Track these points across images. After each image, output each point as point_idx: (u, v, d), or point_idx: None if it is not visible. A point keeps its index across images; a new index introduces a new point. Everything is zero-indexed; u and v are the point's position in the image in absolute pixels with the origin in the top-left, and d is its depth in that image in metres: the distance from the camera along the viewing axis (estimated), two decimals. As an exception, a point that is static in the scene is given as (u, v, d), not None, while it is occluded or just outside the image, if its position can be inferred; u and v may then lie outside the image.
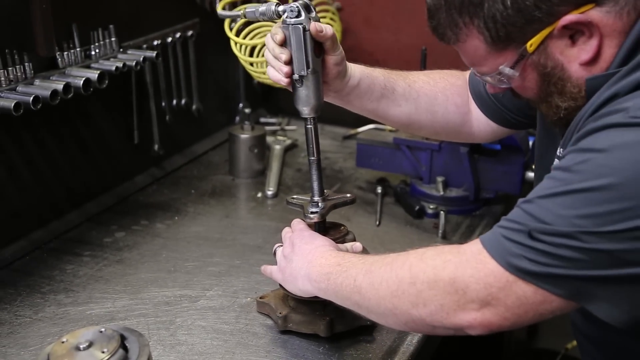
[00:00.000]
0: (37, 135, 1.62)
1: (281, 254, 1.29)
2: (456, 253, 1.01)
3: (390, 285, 1.05)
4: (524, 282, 0.94)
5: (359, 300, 1.10)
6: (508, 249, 0.95)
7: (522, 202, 0.99)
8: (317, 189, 1.32)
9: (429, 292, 1.00)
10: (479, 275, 0.97)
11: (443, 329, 1.02)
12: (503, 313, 0.96)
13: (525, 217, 0.95)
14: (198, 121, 2.16)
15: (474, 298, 0.97)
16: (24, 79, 1.51)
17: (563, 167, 0.96)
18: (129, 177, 1.94)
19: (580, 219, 0.91)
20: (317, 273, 1.17)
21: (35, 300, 1.44)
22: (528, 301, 0.95)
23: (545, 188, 0.96)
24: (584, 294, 0.93)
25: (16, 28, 1.49)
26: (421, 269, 1.02)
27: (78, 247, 1.65)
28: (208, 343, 1.32)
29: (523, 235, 0.94)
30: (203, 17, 2.09)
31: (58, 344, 1.05)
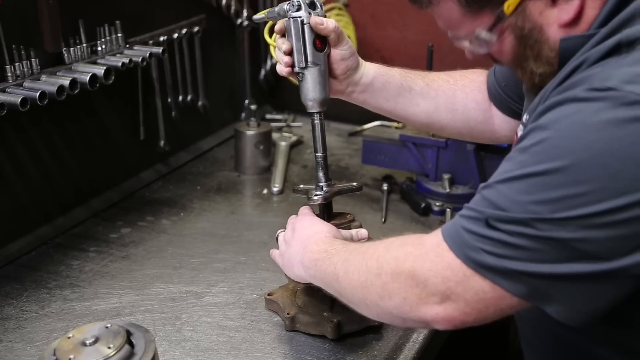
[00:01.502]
0: (44, 130, 1.63)
1: (282, 238, 1.29)
2: (417, 245, 0.99)
3: (360, 275, 1.04)
4: (480, 277, 0.91)
5: (337, 288, 1.10)
6: (465, 240, 0.92)
7: (482, 187, 0.95)
8: (322, 177, 1.33)
9: (392, 284, 0.99)
10: (437, 268, 0.94)
11: (412, 322, 1.01)
12: (463, 308, 0.93)
13: (483, 203, 0.92)
14: (204, 117, 2.16)
15: (434, 292, 0.94)
16: (30, 74, 1.51)
17: (521, 148, 0.92)
18: (135, 173, 1.94)
19: (535, 205, 0.87)
20: (308, 259, 1.17)
21: (41, 296, 1.45)
22: (487, 296, 0.92)
23: (503, 171, 0.93)
24: (539, 293, 0.90)
25: (23, 24, 1.49)
26: (386, 260, 1.01)
27: (84, 243, 1.65)
28: (213, 339, 1.32)
29: (480, 224, 0.91)
30: (209, 13, 2.09)
31: (64, 339, 1.05)
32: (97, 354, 1.01)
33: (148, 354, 1.05)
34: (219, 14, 2.15)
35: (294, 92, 2.53)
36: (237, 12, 2.20)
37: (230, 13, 2.17)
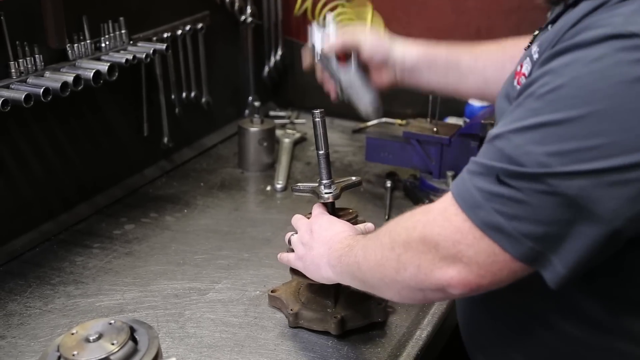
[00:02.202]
0: (47, 127, 1.63)
1: (298, 241, 1.28)
2: (425, 212, 0.97)
3: (377, 254, 1.03)
4: (489, 240, 0.88)
5: (360, 276, 1.09)
6: (476, 199, 0.89)
7: (494, 136, 0.91)
8: (325, 174, 1.33)
9: (405, 254, 0.97)
10: (446, 232, 0.92)
11: (430, 291, 0.97)
12: (477, 271, 0.90)
13: (494, 155, 0.88)
14: (207, 114, 2.16)
15: (446, 255, 0.92)
16: (34, 70, 1.51)
17: (534, 94, 0.87)
18: (139, 170, 1.94)
19: (547, 157, 0.83)
20: (334, 257, 1.16)
21: (45, 292, 1.45)
22: (498, 259, 0.88)
23: (516, 119, 0.88)
24: (540, 258, 0.87)
25: (27, 20, 1.50)
26: (397, 232, 1.00)
27: (88, 239, 1.66)
28: (217, 336, 1.32)
29: (491, 180, 0.88)
30: (213, 9, 2.09)
31: (68, 335, 1.05)
32: (101, 350, 1.01)
33: (151, 350, 1.05)
34: (223, 11, 2.15)
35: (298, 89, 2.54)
36: (241, 8, 2.20)
37: (234, 10, 2.17)
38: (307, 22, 2.28)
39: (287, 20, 2.37)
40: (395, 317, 1.37)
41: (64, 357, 1.02)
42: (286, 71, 2.45)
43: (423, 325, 1.36)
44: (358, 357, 1.26)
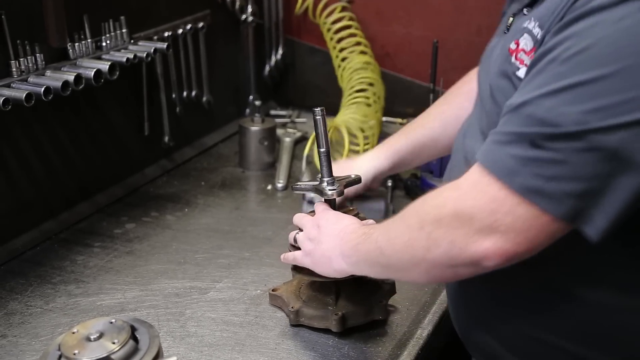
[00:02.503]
0: (48, 126, 1.63)
1: (304, 237, 1.27)
2: (454, 188, 0.98)
3: (403, 236, 1.03)
4: (528, 203, 0.89)
5: (383, 261, 1.08)
6: (511, 167, 0.90)
7: (518, 104, 0.92)
8: (326, 172, 1.33)
9: (437, 231, 0.97)
10: (481, 203, 0.92)
11: (462, 266, 0.97)
12: (514, 238, 0.91)
13: (525, 122, 0.90)
14: (208, 113, 2.16)
15: (481, 227, 0.92)
16: (35, 69, 1.51)
17: (556, 59, 0.89)
18: (139, 169, 1.95)
19: (584, 115, 0.85)
20: (349, 248, 1.16)
21: (46, 291, 1.45)
22: (536, 222, 0.90)
23: (539, 85, 0.90)
24: (583, 215, 0.89)
25: (28, 19, 1.50)
26: (425, 211, 1.00)
27: (88, 238, 1.66)
28: (218, 335, 1.32)
29: (525, 146, 0.89)
30: (214, 8, 2.09)
31: (69, 334, 1.05)
32: (102, 349, 1.02)
33: (152, 349, 1.05)
34: (224, 10, 2.15)
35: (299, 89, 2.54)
36: (242, 7, 2.20)
37: (235, 9, 2.18)
38: (308, 21, 2.30)
39: (288, 20, 2.37)
40: (396, 316, 1.37)
41: (64, 356, 1.02)
42: (287, 70, 2.45)
43: (424, 324, 1.36)
44: (359, 356, 1.26)
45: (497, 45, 1.16)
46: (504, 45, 1.10)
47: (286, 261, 1.32)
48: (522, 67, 1.01)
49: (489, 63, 1.17)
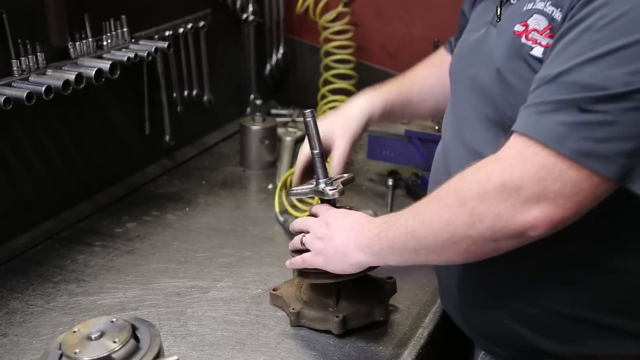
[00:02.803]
0: (49, 125, 1.63)
1: (312, 237, 1.25)
2: (496, 162, 0.99)
3: (441, 216, 1.03)
4: (578, 167, 0.92)
5: (415, 245, 1.07)
6: (560, 133, 0.93)
7: (555, 75, 0.95)
8: (322, 173, 1.33)
9: (481, 206, 0.98)
10: (529, 173, 0.94)
11: (506, 239, 0.99)
12: (563, 204, 0.94)
13: (568, 89, 0.93)
14: (209, 112, 2.16)
15: (530, 196, 0.94)
16: (36, 68, 1.51)
17: (591, 27, 0.93)
18: (140, 168, 1.95)
19: (630, 76, 0.89)
20: (368, 238, 1.15)
21: (47, 290, 1.45)
22: (585, 186, 0.93)
23: (578, 54, 0.93)
24: (633, 172, 0.92)
25: (29, 18, 1.50)
26: (466, 187, 1.00)
27: (89, 237, 1.66)
28: (219, 334, 1.32)
29: (572, 112, 0.92)
30: (215, 7, 2.09)
31: (70, 333, 1.05)
32: (103, 349, 1.02)
33: (153, 348, 1.05)
34: (225, 9, 2.15)
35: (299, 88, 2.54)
36: (243, 6, 2.20)
37: (236, 8, 2.18)
38: (308, 20, 2.30)
39: (288, 19, 2.37)
40: (397, 315, 1.37)
41: (65, 355, 1.02)
42: (288, 69, 2.45)
43: (425, 323, 1.36)
44: (360, 356, 1.26)
45: (486, 36, 1.19)
46: (502, 31, 1.13)
47: (294, 266, 1.30)
48: (536, 45, 1.05)
49: (477, 54, 1.20)
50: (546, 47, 1.04)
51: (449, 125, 1.28)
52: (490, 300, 1.19)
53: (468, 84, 1.22)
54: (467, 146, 1.19)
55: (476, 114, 1.18)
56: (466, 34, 1.31)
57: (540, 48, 1.04)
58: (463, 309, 1.27)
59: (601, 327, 1.11)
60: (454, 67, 1.31)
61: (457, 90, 1.27)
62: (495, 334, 1.22)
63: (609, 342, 1.12)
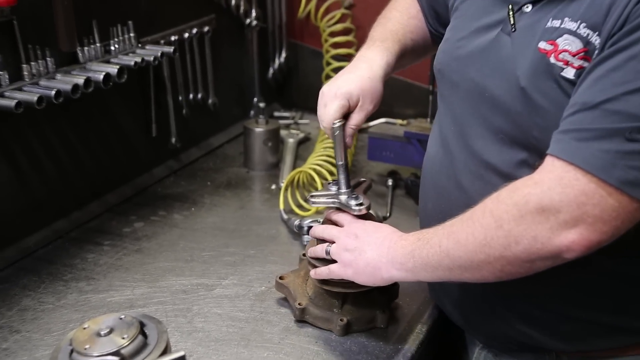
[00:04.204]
0: (59, 127, 1.63)
1: (341, 249, 1.22)
2: (534, 185, 0.97)
3: (477, 237, 1.01)
4: (619, 193, 0.91)
5: (449, 263, 1.06)
6: (605, 161, 0.92)
7: (598, 102, 0.93)
8: (344, 184, 1.30)
9: (517, 228, 0.97)
10: (569, 198, 0.93)
11: (541, 260, 0.98)
12: (601, 227, 0.93)
13: (613, 118, 0.92)
14: (214, 115, 2.17)
15: (568, 220, 0.94)
16: (46, 73, 1.51)
17: (635, 56, 0.91)
18: (148, 169, 1.95)
19: None
20: (401, 255, 1.13)
21: (58, 288, 1.46)
22: (624, 210, 0.92)
23: (624, 82, 0.92)
24: None
25: (39, 24, 1.50)
26: (503, 210, 0.99)
27: (99, 237, 1.66)
28: (224, 330, 1.32)
29: (619, 140, 0.91)
30: (219, 13, 2.09)
31: (80, 329, 1.06)
32: (112, 344, 1.02)
33: (161, 344, 1.06)
34: (229, 14, 2.15)
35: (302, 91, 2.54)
36: (246, 12, 2.20)
37: (240, 13, 2.18)
38: (310, 24, 2.30)
39: (291, 23, 2.38)
40: (396, 312, 1.38)
41: (76, 351, 1.03)
42: (290, 73, 2.46)
43: (424, 319, 1.36)
44: (361, 351, 1.27)
45: (497, 43, 1.13)
46: (522, 45, 1.08)
47: (319, 277, 1.27)
48: (567, 67, 1.02)
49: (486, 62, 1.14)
50: (579, 69, 1.01)
51: (449, 130, 1.24)
52: (501, 306, 1.19)
53: (471, 90, 1.17)
54: (476, 156, 1.16)
55: (486, 124, 1.15)
56: (460, 31, 1.24)
57: (572, 70, 1.01)
58: (467, 313, 1.27)
59: (602, 325, 1.13)
60: (447, 66, 1.25)
61: (456, 93, 1.22)
62: (499, 335, 1.23)
63: (606, 338, 1.14)
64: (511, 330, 1.20)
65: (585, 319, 1.13)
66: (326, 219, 1.33)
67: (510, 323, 1.19)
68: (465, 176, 1.18)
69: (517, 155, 1.10)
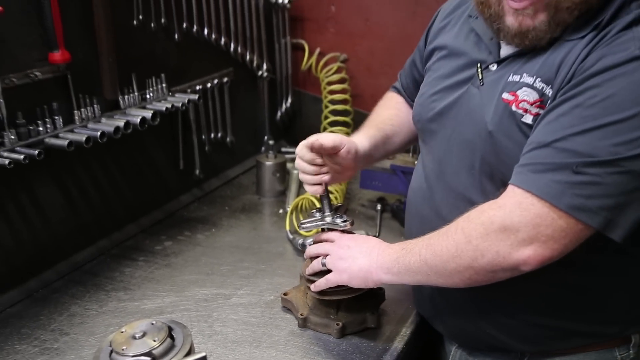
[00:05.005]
0: (103, 162, 1.65)
1: (335, 258, 1.22)
2: (497, 208, 0.98)
3: (450, 249, 1.02)
4: (568, 217, 0.92)
5: (427, 270, 1.07)
6: (557, 190, 0.92)
7: (550, 142, 0.95)
8: (327, 207, 1.32)
9: (484, 244, 0.98)
10: (526, 220, 0.94)
11: (502, 272, 0.99)
12: (552, 245, 0.94)
13: (562, 154, 0.93)
14: (231, 150, 2.17)
15: (525, 238, 0.94)
16: (93, 117, 1.53)
17: (585, 105, 0.93)
18: (175, 196, 1.95)
19: (615, 147, 0.89)
20: (388, 261, 1.13)
21: (100, 297, 1.46)
22: (571, 231, 0.93)
23: (571, 125, 0.93)
24: (611, 223, 0.92)
25: (88, 77, 1.52)
26: (472, 228, 1.00)
27: (134, 253, 1.66)
28: (239, 333, 1.32)
29: (566, 173, 0.92)
30: (236, 66, 2.11)
31: (118, 333, 1.07)
32: (144, 346, 1.03)
33: (186, 346, 1.06)
34: (244, 67, 2.16)
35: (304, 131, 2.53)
36: (258, 65, 2.21)
37: (253, 66, 2.19)
38: (311, 75, 2.32)
39: (295, 74, 2.39)
40: (384, 317, 1.38)
41: (115, 352, 1.03)
42: (295, 115, 2.46)
43: (407, 323, 1.36)
44: (355, 351, 1.27)
45: (468, 95, 1.14)
46: (489, 96, 1.09)
47: (318, 288, 1.25)
48: (527, 114, 1.03)
49: (458, 111, 1.15)
50: (535, 115, 1.02)
51: (430, 168, 1.24)
52: (474, 313, 1.19)
53: (447, 135, 1.18)
54: (453, 189, 1.16)
55: (460, 162, 1.15)
56: (434, 87, 1.23)
57: (530, 116, 1.02)
58: (445, 318, 1.27)
59: (559, 330, 1.13)
60: (425, 117, 1.24)
61: (435, 138, 1.22)
62: (473, 338, 1.23)
63: (563, 340, 1.14)
64: (482, 334, 1.20)
65: (545, 324, 1.13)
66: (316, 240, 1.33)
67: (481, 328, 1.20)
68: (443, 206, 1.18)
69: (486, 188, 1.11)
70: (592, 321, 1.12)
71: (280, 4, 2.20)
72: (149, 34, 1.71)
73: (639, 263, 1.09)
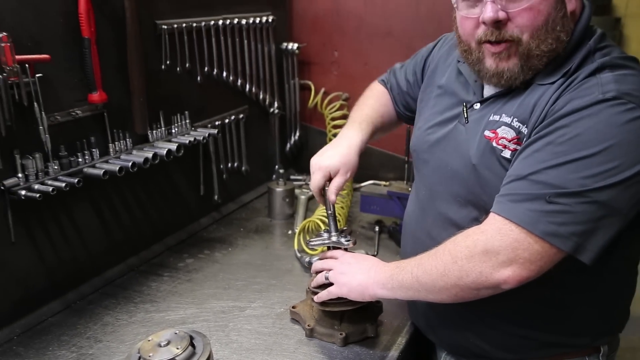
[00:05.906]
0: (133, 188, 1.66)
1: (337, 273, 1.22)
2: (480, 233, 0.99)
3: (438, 269, 1.03)
4: (543, 242, 0.93)
5: (418, 287, 1.07)
6: (532, 217, 0.93)
7: (526, 175, 0.95)
8: (334, 227, 1.33)
9: (468, 265, 0.98)
10: (506, 244, 0.95)
11: (485, 289, 1.00)
12: (529, 266, 0.94)
13: (537, 186, 0.94)
14: (246, 178, 2.18)
15: (505, 260, 0.95)
16: (125, 149, 1.55)
17: (556, 142, 0.94)
18: (197, 219, 1.95)
19: (584, 180, 0.90)
20: (384, 277, 1.14)
21: (130, 308, 1.46)
22: (546, 255, 0.94)
23: (544, 160, 0.94)
24: (580, 247, 0.93)
25: (121, 114, 1.55)
26: (458, 250, 1.01)
27: (160, 270, 1.66)
28: (252, 342, 1.32)
29: (541, 202, 0.93)
30: (251, 104, 2.13)
31: (145, 341, 1.07)
32: (169, 354, 1.03)
33: (205, 353, 1.06)
34: (257, 105, 2.18)
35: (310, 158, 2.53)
36: (270, 103, 2.23)
37: (266, 104, 2.21)
38: (317, 112, 2.34)
39: (303, 111, 2.40)
40: (382, 327, 1.37)
41: (142, 358, 1.04)
42: (302, 147, 2.47)
43: (403, 333, 1.36)
44: (356, 358, 1.26)
45: (455, 131, 1.15)
46: (472, 133, 1.11)
47: (321, 299, 1.25)
48: (505, 149, 1.04)
49: (447, 144, 1.16)
50: (513, 151, 1.03)
51: (422, 194, 1.25)
52: (462, 326, 1.19)
53: (438, 165, 1.19)
54: (441, 214, 1.17)
55: (448, 190, 1.16)
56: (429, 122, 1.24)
57: (509, 151, 1.04)
58: (436, 329, 1.27)
59: (536, 340, 1.13)
60: (420, 148, 1.25)
61: (427, 167, 1.23)
62: (460, 347, 1.23)
63: (540, 350, 1.14)
64: (468, 344, 1.20)
65: (523, 335, 1.13)
66: (322, 257, 1.34)
67: (468, 338, 1.20)
68: (434, 229, 1.19)
69: (471, 214, 1.12)
70: (565, 333, 1.12)
71: (290, 50, 2.24)
72: (174, 77, 1.74)
73: (607, 280, 1.10)
